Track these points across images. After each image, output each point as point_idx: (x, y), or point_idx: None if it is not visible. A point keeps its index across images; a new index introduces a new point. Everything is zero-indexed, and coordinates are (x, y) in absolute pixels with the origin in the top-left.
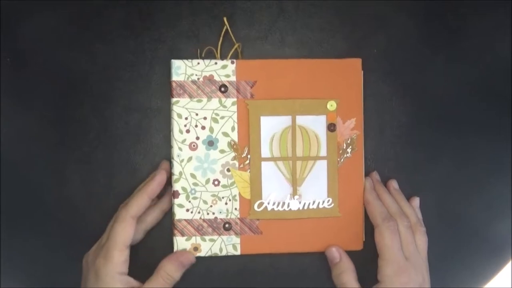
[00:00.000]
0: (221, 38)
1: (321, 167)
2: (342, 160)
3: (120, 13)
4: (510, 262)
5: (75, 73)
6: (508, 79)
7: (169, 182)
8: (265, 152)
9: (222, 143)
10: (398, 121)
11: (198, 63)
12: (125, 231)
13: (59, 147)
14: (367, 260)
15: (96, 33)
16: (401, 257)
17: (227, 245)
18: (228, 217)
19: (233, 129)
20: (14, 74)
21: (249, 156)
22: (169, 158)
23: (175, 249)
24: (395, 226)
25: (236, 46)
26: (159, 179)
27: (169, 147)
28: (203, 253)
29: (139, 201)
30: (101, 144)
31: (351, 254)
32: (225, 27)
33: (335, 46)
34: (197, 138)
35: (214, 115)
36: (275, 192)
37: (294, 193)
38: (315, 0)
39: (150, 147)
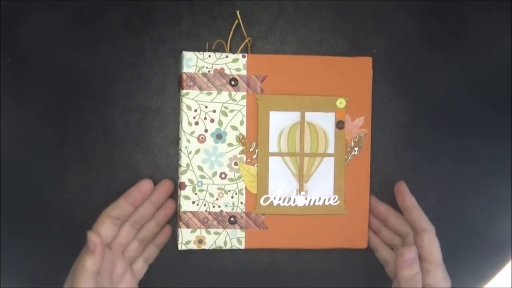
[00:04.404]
0: (231, 32)
1: (329, 164)
2: (349, 158)
3: (120, 13)
4: (510, 262)
5: (75, 73)
6: (508, 79)
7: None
8: (273, 147)
9: (231, 137)
10: (398, 121)
11: (209, 56)
12: (99, 228)
13: (59, 147)
14: (370, 259)
15: (96, 33)
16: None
17: (231, 239)
18: (234, 210)
19: (241, 123)
20: (14, 74)
21: (257, 151)
22: (169, 158)
23: (179, 241)
24: None
25: (247, 40)
26: (141, 186)
27: (169, 147)
28: (207, 245)
29: (117, 203)
30: (101, 144)
31: (354, 252)
32: (236, 21)
33: (335, 46)
34: (206, 130)
35: (223, 108)
36: (282, 187)
37: (301, 189)
38: (315, 0)
39: (150, 147)
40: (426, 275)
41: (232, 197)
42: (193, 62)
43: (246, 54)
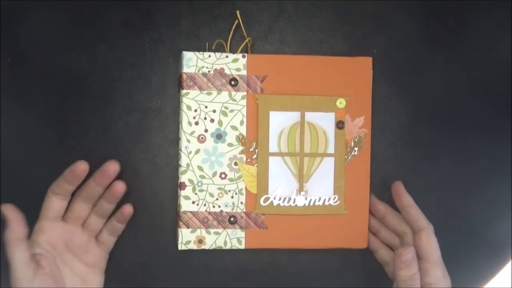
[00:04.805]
0: (231, 32)
1: (329, 164)
2: (349, 158)
3: (120, 13)
4: (510, 262)
5: (75, 73)
6: (508, 79)
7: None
8: (273, 147)
9: (231, 137)
10: (398, 121)
11: (209, 56)
12: (47, 202)
13: (59, 147)
14: (370, 259)
15: (96, 33)
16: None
17: (231, 239)
18: (234, 210)
19: (242, 123)
20: (14, 74)
21: (257, 151)
22: (169, 158)
23: (179, 241)
24: None
25: (247, 40)
26: (75, 167)
27: (169, 147)
28: (207, 245)
29: (58, 180)
30: (101, 144)
31: (354, 252)
32: (236, 21)
33: (335, 46)
34: (206, 130)
35: (223, 108)
36: (282, 187)
37: (301, 189)
38: (315, 0)
39: (150, 147)
40: (424, 275)
41: (232, 197)
42: (193, 62)
43: (246, 54)
